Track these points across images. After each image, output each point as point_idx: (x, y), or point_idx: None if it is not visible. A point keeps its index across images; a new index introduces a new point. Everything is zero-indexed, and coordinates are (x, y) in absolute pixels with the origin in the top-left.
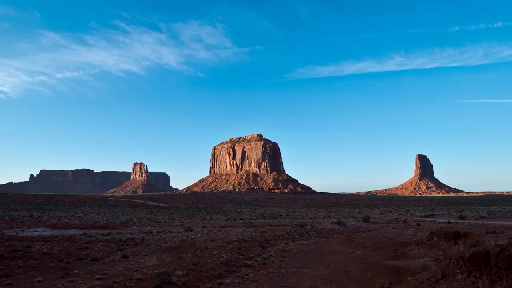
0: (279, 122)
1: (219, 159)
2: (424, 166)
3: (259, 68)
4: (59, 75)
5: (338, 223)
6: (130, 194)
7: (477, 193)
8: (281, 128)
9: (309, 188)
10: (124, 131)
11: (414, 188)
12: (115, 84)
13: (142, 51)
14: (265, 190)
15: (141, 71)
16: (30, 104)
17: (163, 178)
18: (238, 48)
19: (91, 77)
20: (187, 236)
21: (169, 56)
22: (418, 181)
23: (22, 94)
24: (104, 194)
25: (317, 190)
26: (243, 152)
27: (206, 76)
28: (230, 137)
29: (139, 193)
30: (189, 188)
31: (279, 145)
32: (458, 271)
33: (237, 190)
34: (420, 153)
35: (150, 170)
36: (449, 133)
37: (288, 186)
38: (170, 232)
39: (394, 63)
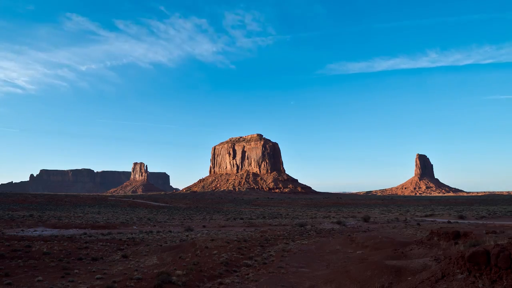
0: (279, 122)
1: (219, 159)
2: (424, 166)
3: (290, 61)
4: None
5: (338, 222)
6: (130, 194)
7: (477, 193)
8: (281, 128)
9: (309, 188)
10: (124, 130)
11: (414, 188)
12: (132, 80)
13: (177, 38)
14: (265, 190)
15: (170, 62)
16: (31, 104)
17: (163, 178)
18: (280, 36)
19: (110, 71)
20: (187, 235)
21: (204, 45)
22: (418, 181)
23: (28, 91)
24: (104, 194)
25: (317, 190)
26: (243, 152)
27: (238, 68)
28: (230, 137)
29: (139, 193)
30: (189, 188)
31: (279, 145)
32: (458, 270)
33: (237, 190)
34: (420, 153)
35: (150, 170)
36: (449, 133)
37: (288, 186)
38: (170, 231)
39: (428, 59)
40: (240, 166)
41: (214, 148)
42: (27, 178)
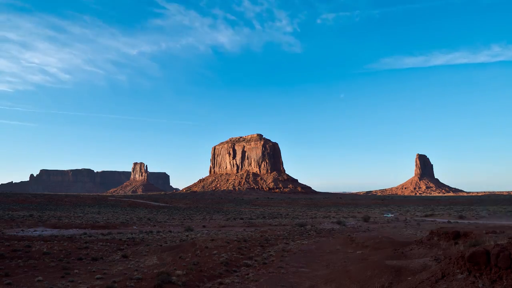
0: (279, 122)
1: (219, 159)
2: (424, 165)
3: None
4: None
5: (338, 222)
6: (130, 193)
7: (477, 193)
8: (281, 128)
9: (309, 188)
10: (124, 130)
11: (414, 188)
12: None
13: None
14: (265, 190)
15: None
16: (31, 103)
17: (163, 178)
18: (337, 13)
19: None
20: (187, 235)
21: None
22: (418, 180)
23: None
24: (104, 194)
25: (317, 190)
26: (243, 152)
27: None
28: (230, 137)
29: (139, 193)
30: (189, 188)
31: (279, 145)
32: (458, 270)
33: (237, 190)
34: (420, 153)
35: (150, 170)
36: (449, 133)
37: (288, 186)
38: (170, 231)
39: (489, 53)
40: (240, 166)
41: (214, 148)
42: (27, 178)
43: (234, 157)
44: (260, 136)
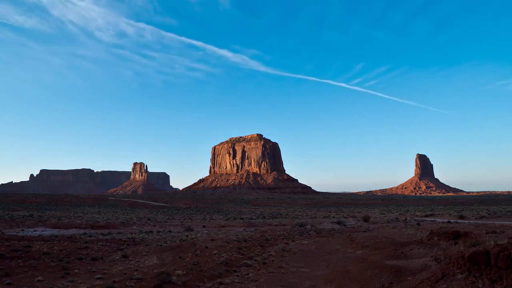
0: (279, 122)
1: (219, 159)
2: (424, 165)
3: None
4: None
5: (338, 222)
6: (130, 193)
7: (477, 192)
8: (281, 128)
9: (309, 187)
10: (124, 130)
11: (414, 188)
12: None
13: None
14: (265, 189)
15: None
16: (30, 103)
17: (163, 177)
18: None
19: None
20: (187, 235)
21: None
22: (418, 180)
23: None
24: (104, 193)
25: (317, 190)
26: (243, 152)
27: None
28: (230, 137)
29: (139, 193)
30: (189, 187)
31: (279, 145)
32: (458, 270)
33: (237, 189)
34: (420, 153)
35: (150, 170)
36: (449, 133)
37: (288, 186)
38: (170, 231)
39: None
40: (240, 166)
41: (214, 148)
42: (27, 178)
43: (234, 157)
44: (260, 136)
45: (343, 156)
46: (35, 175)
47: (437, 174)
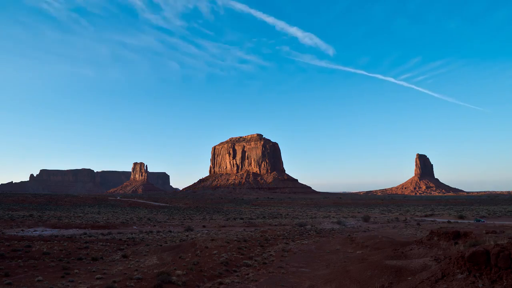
0: (279, 122)
1: (219, 159)
2: (424, 165)
3: None
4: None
5: (338, 222)
6: (130, 193)
7: (477, 192)
8: (281, 128)
9: (309, 187)
10: (124, 130)
11: (414, 188)
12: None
13: None
14: (265, 189)
15: None
16: (30, 103)
17: (163, 178)
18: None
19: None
20: (187, 235)
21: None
22: (418, 180)
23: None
24: (104, 193)
25: (317, 190)
26: (243, 152)
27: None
28: (230, 137)
29: (139, 193)
30: (189, 187)
31: (279, 145)
32: (458, 270)
33: (237, 189)
34: (420, 153)
35: (150, 170)
36: (449, 133)
37: (288, 186)
38: (170, 231)
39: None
40: (240, 166)
41: (214, 148)
42: (27, 178)
43: (234, 157)
44: (260, 136)
45: (343, 156)
46: (35, 175)
47: (437, 174)
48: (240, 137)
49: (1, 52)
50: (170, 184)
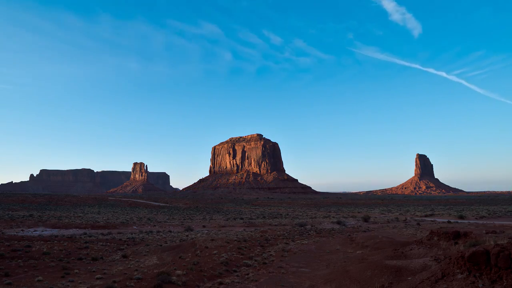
0: (279, 122)
1: (219, 159)
2: (424, 165)
3: None
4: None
5: (338, 222)
6: (130, 193)
7: (477, 192)
8: (281, 128)
9: (309, 187)
10: (124, 130)
11: (414, 188)
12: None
13: None
14: (265, 189)
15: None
16: (31, 103)
17: (163, 178)
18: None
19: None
20: (187, 235)
21: None
22: (418, 180)
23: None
24: (104, 193)
25: (317, 190)
26: (243, 152)
27: None
28: (230, 137)
29: (139, 193)
30: (189, 188)
31: (279, 145)
32: (458, 270)
33: (237, 189)
34: (420, 153)
35: (150, 170)
36: (449, 133)
37: (288, 186)
38: (170, 231)
39: None
40: (240, 166)
41: (214, 148)
42: (27, 178)
43: (234, 157)
44: (260, 136)
45: (343, 156)
46: (35, 175)
47: (437, 174)
48: (240, 137)
49: (1, 52)
50: (170, 184)
